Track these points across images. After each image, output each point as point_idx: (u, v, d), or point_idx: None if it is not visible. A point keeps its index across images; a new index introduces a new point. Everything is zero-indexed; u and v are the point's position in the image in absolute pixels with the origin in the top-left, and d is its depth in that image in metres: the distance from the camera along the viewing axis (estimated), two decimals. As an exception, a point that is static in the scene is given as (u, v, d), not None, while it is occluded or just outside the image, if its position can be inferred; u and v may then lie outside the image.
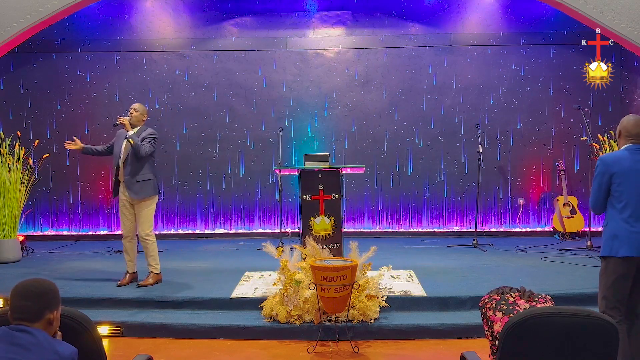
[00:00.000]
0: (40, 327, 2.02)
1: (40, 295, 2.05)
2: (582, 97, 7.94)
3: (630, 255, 3.23)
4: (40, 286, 2.08)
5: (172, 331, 4.50)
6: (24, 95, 8.10)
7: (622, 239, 3.25)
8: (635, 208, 3.26)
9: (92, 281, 5.48)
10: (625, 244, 3.24)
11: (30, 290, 2.05)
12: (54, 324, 2.07)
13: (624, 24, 6.65)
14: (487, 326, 2.98)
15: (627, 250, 3.23)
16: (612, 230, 3.31)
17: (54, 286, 2.12)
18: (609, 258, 3.31)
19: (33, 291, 2.05)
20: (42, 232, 8.19)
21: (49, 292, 2.08)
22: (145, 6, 8.07)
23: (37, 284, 2.09)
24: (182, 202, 8.17)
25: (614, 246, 3.27)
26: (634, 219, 3.25)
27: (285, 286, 4.53)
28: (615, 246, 3.27)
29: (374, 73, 8.12)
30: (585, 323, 2.15)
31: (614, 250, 3.27)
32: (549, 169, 8.08)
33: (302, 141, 8.12)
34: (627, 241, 3.24)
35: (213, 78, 8.14)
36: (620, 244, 3.25)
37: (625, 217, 3.27)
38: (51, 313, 2.06)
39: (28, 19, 6.76)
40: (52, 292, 2.10)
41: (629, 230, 3.24)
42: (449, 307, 4.75)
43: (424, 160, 8.14)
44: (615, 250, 3.26)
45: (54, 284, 2.13)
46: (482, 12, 8.04)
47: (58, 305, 2.10)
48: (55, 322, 2.09)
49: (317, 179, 5.25)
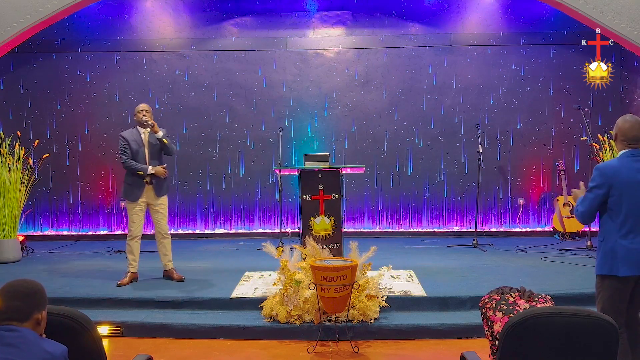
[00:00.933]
0: (30, 327, 2.03)
1: (28, 295, 2.06)
2: (582, 97, 7.94)
3: (631, 275, 3.10)
4: (28, 286, 2.09)
5: (172, 331, 4.50)
6: (24, 95, 8.10)
7: (621, 257, 3.10)
8: (635, 223, 3.10)
9: (92, 281, 5.48)
10: (625, 263, 3.09)
11: (19, 291, 2.06)
12: (41, 323, 2.08)
13: (624, 24, 6.65)
14: (487, 326, 2.98)
15: (627, 270, 3.09)
16: (610, 248, 3.14)
17: (41, 286, 2.14)
18: (606, 276, 3.17)
19: (22, 291, 2.06)
20: (42, 232, 8.19)
21: (37, 292, 2.09)
22: (145, 6, 8.06)
23: (26, 284, 2.10)
24: (182, 202, 8.17)
25: (614, 266, 3.12)
26: (634, 235, 3.10)
27: (285, 286, 4.53)
28: (615, 266, 3.12)
29: (374, 73, 8.12)
30: (585, 323, 2.15)
31: (614, 269, 3.12)
32: (549, 169, 8.08)
33: (302, 141, 8.12)
34: (626, 259, 3.09)
35: (213, 78, 8.14)
36: (620, 263, 3.10)
37: (624, 234, 3.11)
38: (39, 313, 2.07)
39: (28, 19, 6.76)
40: (40, 292, 2.11)
41: (628, 247, 3.09)
42: (449, 307, 4.76)
43: (424, 160, 8.13)
44: (616, 269, 3.11)
45: (40, 284, 2.14)
46: (482, 12, 8.04)
47: (45, 305, 2.11)
48: (43, 322, 2.09)
49: (317, 179, 5.25)
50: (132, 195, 5.37)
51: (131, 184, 5.38)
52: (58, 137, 8.10)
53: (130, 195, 5.38)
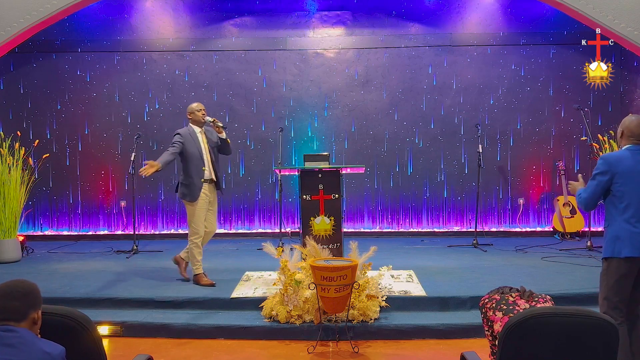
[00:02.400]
0: (26, 327, 2.04)
1: (25, 295, 2.07)
2: (582, 97, 7.94)
3: (633, 256, 3.22)
4: (24, 286, 2.10)
5: (172, 331, 4.50)
6: (24, 95, 8.10)
7: (624, 239, 3.24)
8: (637, 208, 3.25)
9: (92, 281, 5.47)
10: (628, 245, 3.23)
11: (15, 291, 2.07)
12: (37, 323, 2.09)
13: (624, 24, 6.65)
14: (487, 326, 2.98)
15: (629, 251, 3.22)
16: (614, 231, 3.29)
17: (36, 286, 2.15)
18: (611, 259, 3.30)
19: (19, 291, 2.07)
20: (42, 232, 8.19)
21: (32, 292, 2.10)
22: (145, 6, 8.06)
23: (22, 284, 2.11)
24: (182, 202, 8.14)
25: (617, 247, 3.26)
26: (636, 219, 3.25)
27: (285, 286, 4.53)
28: (617, 247, 3.26)
29: (374, 73, 8.12)
30: (585, 323, 2.15)
31: (617, 251, 3.26)
32: (549, 169, 8.08)
33: (302, 141, 8.12)
34: (629, 242, 3.23)
35: (213, 78, 8.13)
36: (622, 244, 3.24)
37: (627, 218, 3.25)
38: (35, 312, 2.08)
39: (28, 19, 6.76)
40: (35, 291, 2.12)
41: (631, 230, 3.24)
42: (449, 307, 4.75)
43: (424, 160, 8.13)
44: (618, 251, 3.25)
45: (35, 284, 2.15)
46: (482, 12, 8.04)
47: (40, 305, 2.12)
48: (39, 322, 2.10)
49: (317, 179, 5.25)
50: (198, 192, 5.29)
51: (193, 184, 5.27)
52: (58, 137, 8.10)
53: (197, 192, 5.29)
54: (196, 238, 5.34)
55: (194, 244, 5.34)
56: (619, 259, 3.25)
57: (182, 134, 5.33)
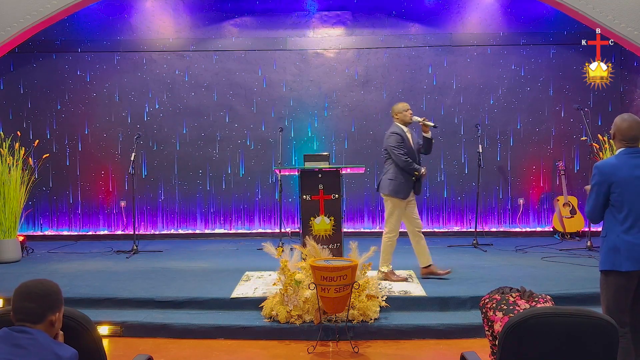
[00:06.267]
0: (42, 329, 2.02)
1: (43, 297, 2.05)
2: (582, 97, 7.94)
3: (633, 270, 3.11)
4: (43, 287, 2.07)
5: (172, 331, 4.50)
6: (24, 95, 8.10)
7: (623, 252, 3.11)
8: (637, 218, 3.12)
9: (92, 281, 5.47)
10: (628, 258, 3.10)
11: (33, 292, 2.04)
12: (55, 325, 2.07)
13: (624, 24, 6.65)
14: (487, 326, 2.99)
15: (630, 264, 3.09)
16: (613, 243, 3.16)
17: (57, 287, 2.12)
18: (609, 272, 3.18)
19: (37, 292, 2.04)
20: (42, 232, 8.18)
21: (52, 294, 2.07)
22: (145, 6, 8.06)
23: (41, 285, 2.08)
24: (182, 202, 8.17)
25: (616, 260, 3.13)
26: (636, 230, 3.11)
27: (285, 286, 4.53)
28: (617, 261, 3.13)
29: (374, 73, 8.12)
30: (585, 323, 2.15)
31: (617, 264, 3.13)
32: (549, 169, 8.08)
33: (302, 141, 8.12)
34: (629, 254, 3.10)
35: (213, 78, 8.13)
36: (622, 258, 3.11)
37: (626, 229, 3.12)
38: (53, 315, 2.06)
39: (28, 19, 6.76)
40: (55, 293, 2.09)
41: (631, 242, 3.10)
42: (449, 307, 4.75)
43: (423, 160, 8.08)
44: (618, 264, 3.12)
45: (56, 285, 2.12)
46: (482, 12, 8.04)
47: (61, 307, 2.10)
48: (58, 324, 2.08)
49: (317, 179, 5.26)
50: (404, 193, 5.30)
51: (404, 182, 5.30)
52: (58, 137, 8.10)
53: (402, 193, 5.30)
54: (393, 236, 5.35)
55: (389, 240, 5.33)
56: (618, 272, 3.13)
57: (400, 134, 5.39)
